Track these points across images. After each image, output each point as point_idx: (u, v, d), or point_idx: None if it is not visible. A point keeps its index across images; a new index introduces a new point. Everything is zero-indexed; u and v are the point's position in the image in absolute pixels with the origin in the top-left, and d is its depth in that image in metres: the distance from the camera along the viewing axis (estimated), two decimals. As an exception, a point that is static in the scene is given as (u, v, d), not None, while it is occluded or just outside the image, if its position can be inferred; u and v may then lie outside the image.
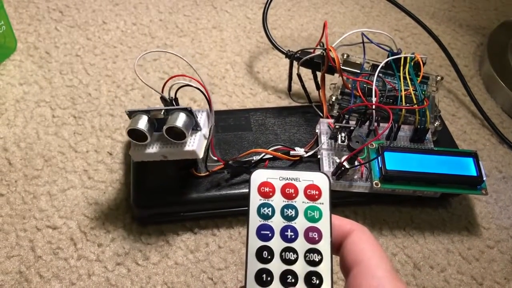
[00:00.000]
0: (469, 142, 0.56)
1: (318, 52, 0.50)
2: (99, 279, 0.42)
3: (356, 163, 0.44)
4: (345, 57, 0.53)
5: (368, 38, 0.51)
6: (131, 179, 0.46)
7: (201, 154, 0.42)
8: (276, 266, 0.28)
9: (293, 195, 0.30)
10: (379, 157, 0.45)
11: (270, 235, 0.29)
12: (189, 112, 0.40)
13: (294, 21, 0.68)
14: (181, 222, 0.46)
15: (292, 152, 0.48)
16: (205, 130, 0.42)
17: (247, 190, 0.45)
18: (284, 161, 0.48)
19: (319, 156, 0.48)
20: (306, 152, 0.48)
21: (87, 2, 0.67)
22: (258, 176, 0.31)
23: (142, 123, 0.40)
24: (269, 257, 0.28)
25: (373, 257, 0.28)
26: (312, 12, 0.70)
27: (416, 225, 0.48)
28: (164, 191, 0.45)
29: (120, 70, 0.59)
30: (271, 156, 0.47)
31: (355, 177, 0.45)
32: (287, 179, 0.31)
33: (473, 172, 0.45)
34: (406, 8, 0.60)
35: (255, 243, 0.29)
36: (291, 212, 0.30)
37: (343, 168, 0.43)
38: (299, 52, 0.52)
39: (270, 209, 0.30)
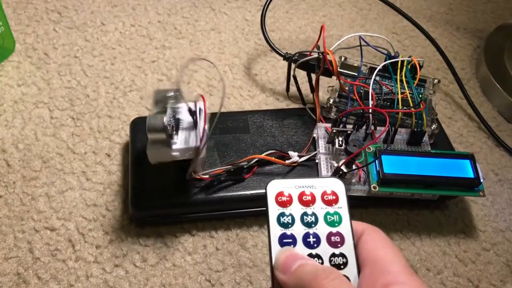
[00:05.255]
0: (466, 145, 0.57)
1: (315, 55, 0.51)
2: (97, 280, 0.43)
3: (353, 167, 0.44)
4: (342, 59, 0.53)
5: (365, 41, 0.52)
6: (129, 181, 0.46)
7: (151, 160, 0.42)
8: None
9: (311, 202, 0.31)
10: (376, 161, 0.45)
11: (292, 243, 0.29)
12: (165, 127, 0.40)
13: (292, 23, 0.69)
14: (179, 224, 0.46)
15: (288, 161, 0.48)
16: (176, 153, 0.41)
17: (245, 192, 0.46)
18: (278, 165, 0.48)
19: (317, 161, 0.48)
20: (300, 157, 0.48)
21: (86, 4, 0.67)
22: (274, 187, 0.31)
23: (161, 95, 0.41)
24: None
25: (387, 254, 0.28)
26: (310, 15, 0.70)
27: (413, 227, 0.49)
28: (162, 193, 0.45)
29: (119, 72, 0.59)
30: (265, 160, 0.48)
31: (353, 181, 0.45)
32: (302, 187, 0.31)
33: (470, 174, 0.46)
34: (403, 11, 0.60)
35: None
36: (310, 219, 0.30)
37: (341, 172, 0.44)
38: (297, 54, 0.52)
39: (289, 217, 0.30)
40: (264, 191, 0.31)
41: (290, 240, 0.29)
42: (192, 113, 0.42)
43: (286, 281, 0.28)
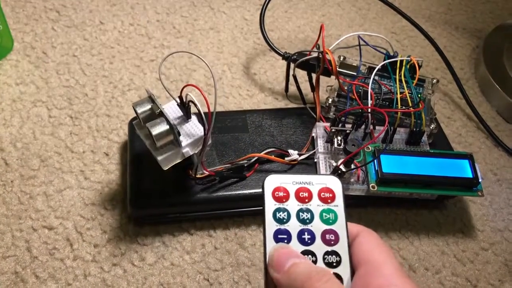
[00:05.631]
0: (465, 145, 0.57)
1: (314, 54, 0.51)
2: (95, 279, 0.42)
3: (352, 166, 0.44)
4: (341, 59, 0.53)
5: (364, 41, 0.52)
6: (128, 180, 0.46)
7: (165, 167, 0.41)
8: None
9: (308, 198, 0.31)
10: (375, 160, 0.45)
11: (287, 239, 0.29)
12: (171, 128, 0.40)
13: (291, 22, 0.69)
14: (177, 223, 0.46)
15: (287, 158, 0.48)
16: (187, 149, 0.41)
17: (243, 191, 0.46)
18: (277, 163, 0.48)
19: (315, 160, 0.48)
20: (300, 155, 0.48)
21: (84, 2, 0.67)
22: (272, 182, 0.31)
23: (141, 108, 0.41)
24: None
25: (380, 256, 0.29)
26: (309, 14, 0.70)
27: (411, 227, 0.49)
28: (161, 192, 0.45)
29: (117, 71, 0.59)
30: (265, 159, 0.48)
31: (352, 180, 0.45)
32: (300, 183, 0.31)
33: (469, 174, 0.46)
34: (402, 10, 0.60)
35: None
36: (306, 216, 0.30)
37: (339, 172, 0.44)
38: (296, 54, 0.52)
39: (285, 213, 0.30)
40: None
41: (285, 236, 0.29)
42: (181, 105, 0.42)
43: (279, 279, 0.28)
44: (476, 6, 0.76)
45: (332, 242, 0.29)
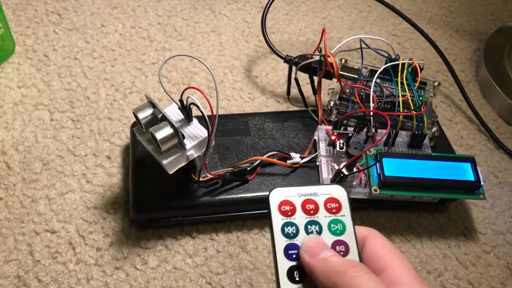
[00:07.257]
0: (466, 147, 0.57)
1: (316, 57, 0.51)
2: (97, 283, 0.42)
3: (354, 169, 0.44)
4: (343, 62, 0.53)
5: (366, 44, 0.52)
6: (130, 183, 0.46)
7: (170, 171, 0.41)
8: (310, 285, 0.28)
9: (315, 210, 0.30)
10: (377, 163, 0.45)
11: (298, 254, 0.29)
12: (175, 131, 0.40)
13: (292, 25, 0.69)
14: (180, 227, 0.46)
15: (289, 161, 0.48)
16: (191, 152, 0.41)
17: (246, 195, 0.46)
18: (279, 166, 0.48)
19: (317, 163, 0.48)
20: (302, 158, 0.48)
21: (86, 5, 0.67)
22: (277, 195, 0.31)
23: (143, 114, 0.41)
24: (300, 278, 0.28)
25: (395, 263, 0.28)
26: (310, 17, 0.70)
27: (413, 230, 0.49)
28: (163, 195, 0.45)
29: (119, 74, 0.59)
30: (267, 162, 0.48)
31: (354, 183, 0.45)
32: (305, 195, 0.31)
33: (471, 177, 0.46)
34: (403, 13, 0.61)
35: (285, 264, 0.29)
36: (315, 228, 0.30)
37: (341, 175, 0.44)
38: (298, 57, 0.52)
39: (294, 227, 0.30)
40: (265, 193, 0.31)
41: (296, 251, 0.29)
42: (182, 108, 0.42)
43: (313, 264, 0.28)
44: (477, 9, 0.76)
45: (343, 254, 0.29)
